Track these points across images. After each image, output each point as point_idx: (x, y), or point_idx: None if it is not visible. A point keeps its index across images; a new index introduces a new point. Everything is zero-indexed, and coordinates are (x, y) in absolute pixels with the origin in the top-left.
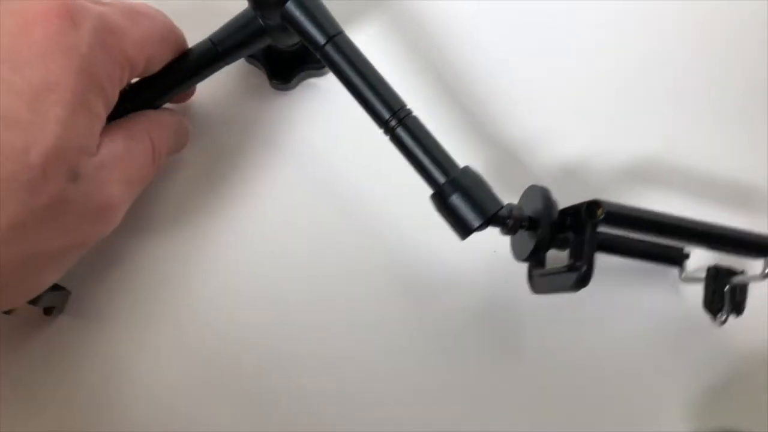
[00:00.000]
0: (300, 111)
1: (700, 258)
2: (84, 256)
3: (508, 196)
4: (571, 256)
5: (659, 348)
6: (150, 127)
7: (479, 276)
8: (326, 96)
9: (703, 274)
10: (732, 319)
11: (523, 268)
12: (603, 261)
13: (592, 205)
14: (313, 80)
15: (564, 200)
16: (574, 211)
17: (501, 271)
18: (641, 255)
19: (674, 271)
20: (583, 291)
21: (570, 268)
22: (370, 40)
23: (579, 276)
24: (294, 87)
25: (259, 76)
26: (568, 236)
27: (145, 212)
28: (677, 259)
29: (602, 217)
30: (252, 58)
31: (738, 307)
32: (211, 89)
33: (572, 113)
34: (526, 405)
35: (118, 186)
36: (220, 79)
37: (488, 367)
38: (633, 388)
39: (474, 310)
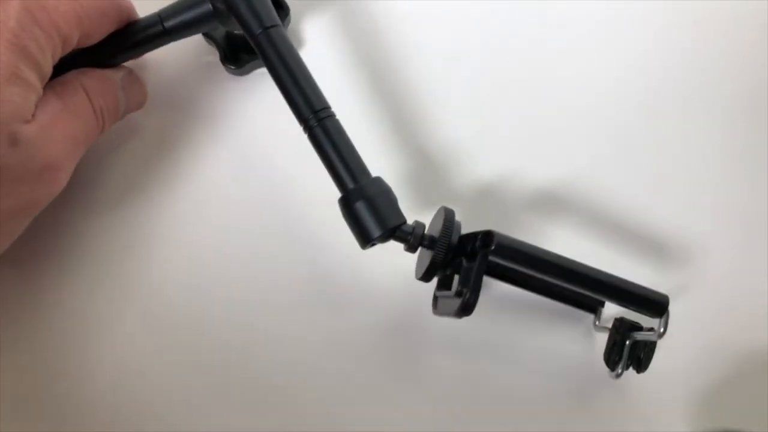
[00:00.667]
0: (248, 97)
1: (615, 308)
2: (44, 229)
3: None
4: (460, 282)
5: (558, 390)
6: (85, 83)
7: (394, 292)
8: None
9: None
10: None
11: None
12: (526, 297)
13: (487, 236)
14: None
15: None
16: (472, 237)
17: (416, 291)
18: (554, 295)
19: (591, 317)
20: (497, 323)
21: (457, 294)
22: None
23: (462, 303)
24: (247, 73)
25: (217, 55)
26: (462, 262)
27: (102, 183)
28: (593, 305)
29: (493, 248)
30: (209, 37)
31: (639, 364)
32: (167, 61)
33: (506, 128)
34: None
35: (61, 145)
36: (178, 52)
37: (388, 391)
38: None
39: (382, 328)
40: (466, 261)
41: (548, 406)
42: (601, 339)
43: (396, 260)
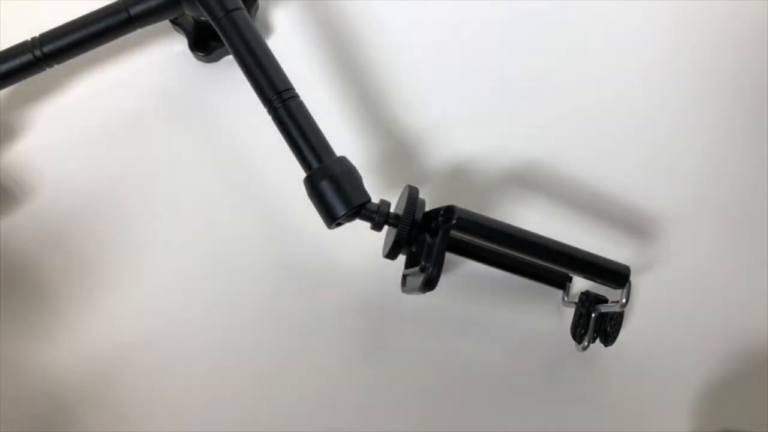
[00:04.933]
0: (218, 83)
1: (584, 283)
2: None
3: (397, 189)
4: (423, 257)
5: (530, 365)
6: None
7: (364, 272)
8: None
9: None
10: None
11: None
12: (498, 276)
13: (448, 210)
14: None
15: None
16: (436, 213)
17: (385, 271)
18: (522, 272)
19: (560, 293)
20: (469, 300)
21: (421, 270)
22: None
23: (426, 278)
24: (216, 60)
25: (186, 44)
26: (426, 238)
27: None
28: (561, 281)
29: (454, 222)
30: (177, 25)
31: (606, 336)
32: (136, 49)
33: (472, 111)
34: (392, 405)
35: None
36: (147, 39)
37: (359, 370)
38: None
39: (352, 308)
40: (429, 237)
41: (521, 382)
42: (570, 314)
43: (365, 240)
